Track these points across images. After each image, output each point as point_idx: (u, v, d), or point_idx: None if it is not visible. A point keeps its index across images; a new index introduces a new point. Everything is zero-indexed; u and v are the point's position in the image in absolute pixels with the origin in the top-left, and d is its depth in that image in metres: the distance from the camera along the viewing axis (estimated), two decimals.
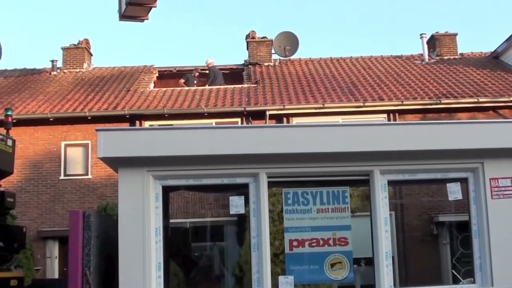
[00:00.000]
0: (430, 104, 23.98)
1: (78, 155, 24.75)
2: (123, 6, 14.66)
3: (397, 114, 24.09)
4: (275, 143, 8.17)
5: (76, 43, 31.04)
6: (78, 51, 31.02)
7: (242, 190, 8.57)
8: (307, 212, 8.54)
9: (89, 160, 24.27)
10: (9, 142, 8.60)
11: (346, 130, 8.60)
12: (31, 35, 70.42)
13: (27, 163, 23.94)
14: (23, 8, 69.21)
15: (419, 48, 30.72)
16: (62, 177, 24.41)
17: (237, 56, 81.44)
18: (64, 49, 31.06)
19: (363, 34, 68.68)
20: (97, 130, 8.18)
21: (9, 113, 12.49)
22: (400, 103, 24.01)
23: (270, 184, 8.55)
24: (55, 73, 30.29)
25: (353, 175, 8.66)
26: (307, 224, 8.53)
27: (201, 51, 71.05)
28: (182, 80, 28.45)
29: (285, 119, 24.17)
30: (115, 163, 8.34)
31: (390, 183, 8.76)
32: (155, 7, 14.65)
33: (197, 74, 28.53)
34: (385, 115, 24.22)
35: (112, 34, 71.40)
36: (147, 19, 15.24)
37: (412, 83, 26.10)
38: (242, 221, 18.26)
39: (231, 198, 8.60)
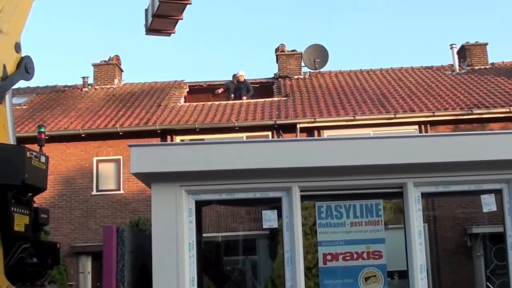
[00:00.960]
0: (462, 115, 23.79)
1: (110, 170, 24.90)
2: (149, 19, 14.77)
3: (428, 126, 23.95)
4: (307, 157, 8.13)
5: (107, 60, 31.32)
6: (109, 68, 31.29)
7: (274, 204, 8.55)
8: (340, 226, 8.51)
9: (121, 175, 24.41)
10: (43, 159, 8.65)
11: (379, 142, 8.55)
12: (63, 52, 71.09)
13: (59, 179, 24.12)
14: (54, 25, 69.91)
15: (449, 58, 30.57)
16: (94, 192, 24.56)
17: (267, 69, 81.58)
18: (95, 65, 31.34)
19: (393, 45, 68.53)
20: (129, 146, 8.21)
21: (42, 130, 12.60)
22: (432, 114, 23.86)
23: (303, 198, 8.52)
24: (86, 89, 30.55)
25: (386, 188, 8.60)
26: (340, 238, 8.49)
27: (230, 65, 71.26)
28: (221, 90, 28.39)
29: (316, 132, 24.12)
30: (148, 178, 8.37)
31: (424, 195, 8.68)
32: (181, 19, 14.72)
33: (236, 80, 28.33)
34: (417, 127, 24.09)
35: (143, 49, 71.89)
36: (173, 33, 15.30)
37: (443, 94, 25.94)
38: (274, 235, 18.26)
39: (264, 212, 8.58)
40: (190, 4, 14.03)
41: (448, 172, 8.44)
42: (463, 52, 30.66)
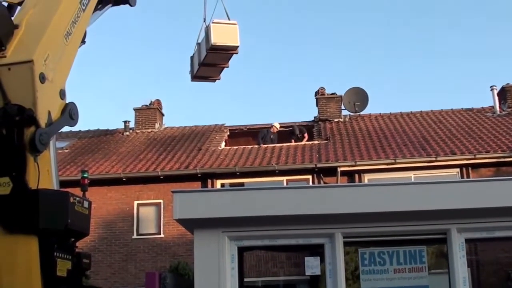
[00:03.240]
0: (504, 157, 23.54)
1: (151, 214, 24.99)
2: (196, 67, 14.94)
3: (470, 168, 23.74)
4: (350, 203, 8.10)
5: (148, 104, 31.64)
6: (150, 112, 31.59)
7: (317, 250, 8.50)
8: (384, 273, 8.42)
9: (162, 219, 24.49)
10: (86, 204, 8.75)
11: (422, 188, 8.48)
12: (105, 97, 71.99)
13: (100, 223, 24.24)
14: (97, 71, 70.89)
15: (490, 100, 30.31)
16: (134, 236, 24.64)
17: (307, 112, 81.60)
18: (136, 110, 31.71)
19: (433, 87, 68.29)
20: (173, 191, 8.26)
21: (86, 175, 12.78)
22: (473, 157, 23.66)
23: (346, 244, 8.46)
24: (127, 133, 30.86)
25: (429, 234, 8.51)
26: (384, 285, 8.39)
27: (270, 109, 71.50)
28: (274, 129, 28.40)
29: (356, 176, 24.03)
30: (191, 224, 8.39)
31: (467, 240, 8.60)
32: (227, 67, 14.91)
33: (275, 130, 28.43)
34: (458, 169, 23.88)
35: (184, 93, 72.48)
36: (219, 79, 15.49)
37: (484, 136, 25.74)
38: (315, 280, 18.08)
39: (306, 259, 8.56)
40: (237, 54, 14.21)
41: (493, 217, 8.34)
42: (504, 93, 30.37)
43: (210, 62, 14.49)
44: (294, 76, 71.53)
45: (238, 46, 14.11)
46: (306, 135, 28.21)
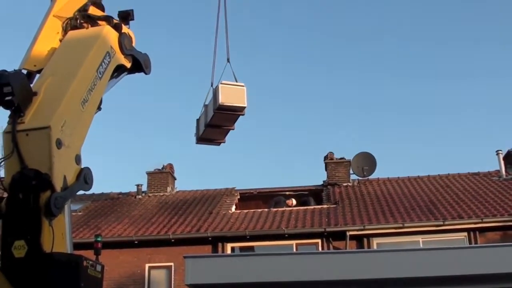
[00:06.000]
0: (511, 221, 23.66)
1: (162, 277, 25.07)
2: (201, 129, 15.06)
3: (477, 232, 23.86)
4: (360, 269, 8.12)
5: (160, 168, 32.06)
6: (162, 176, 31.98)
7: None
8: None
9: (172, 282, 24.54)
10: (98, 268, 8.77)
11: (427, 253, 8.45)
12: (118, 161, 72.39)
13: (112, 285, 24.31)
14: (110, 135, 71.49)
15: (495, 164, 30.53)
16: None
17: (316, 176, 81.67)
18: (149, 173, 32.14)
19: (439, 152, 68.35)
20: (184, 257, 8.34)
21: (99, 239, 12.85)
22: (480, 220, 23.79)
23: None
24: (140, 196, 31.19)
25: None
26: None
27: (280, 173, 71.64)
28: (290, 202, 28.68)
29: (365, 240, 24.22)
30: None
31: None
32: (233, 129, 15.05)
33: (292, 203, 28.69)
34: (466, 233, 23.98)
35: (195, 157, 72.83)
36: (223, 142, 15.56)
37: (491, 200, 25.92)
38: None
39: None
40: (243, 115, 14.42)
41: (496, 284, 8.35)
42: (510, 157, 30.59)
43: (217, 123, 14.57)
44: (303, 141, 71.82)
45: (245, 107, 14.19)
46: (293, 200, 28.70)
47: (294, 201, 28.77)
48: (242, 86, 14.42)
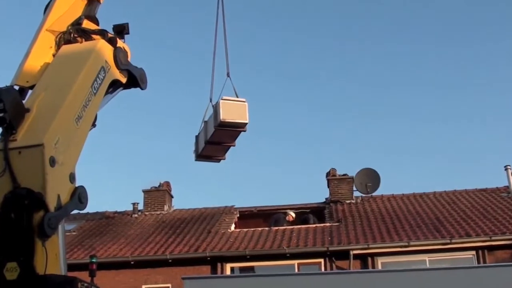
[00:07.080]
0: None
1: None
2: (201, 145, 14.77)
3: (486, 251, 23.25)
4: None
5: (157, 186, 31.56)
6: (159, 194, 31.47)
7: None
8: None
9: None
10: None
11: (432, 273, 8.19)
12: (113, 179, 72.02)
13: None
14: (105, 154, 71.17)
15: (504, 180, 29.84)
16: None
17: (318, 194, 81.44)
18: (145, 191, 31.58)
19: (445, 167, 68.07)
20: (183, 278, 8.08)
21: (94, 260, 12.70)
22: (489, 238, 23.18)
23: None
24: (136, 215, 30.67)
25: None
26: None
27: (281, 190, 71.33)
28: (289, 218, 28.15)
29: (369, 259, 23.58)
30: None
31: None
32: (234, 146, 14.75)
33: (291, 218, 28.21)
34: (474, 252, 23.41)
35: (193, 175, 72.47)
36: (223, 159, 15.32)
37: (500, 217, 25.32)
38: None
39: None
40: (245, 131, 14.12)
41: None
42: None
43: (217, 140, 14.35)
44: (305, 157, 71.52)
45: (247, 123, 14.04)
46: (292, 214, 28.16)
47: (293, 214, 28.17)
48: (244, 101, 14.26)
